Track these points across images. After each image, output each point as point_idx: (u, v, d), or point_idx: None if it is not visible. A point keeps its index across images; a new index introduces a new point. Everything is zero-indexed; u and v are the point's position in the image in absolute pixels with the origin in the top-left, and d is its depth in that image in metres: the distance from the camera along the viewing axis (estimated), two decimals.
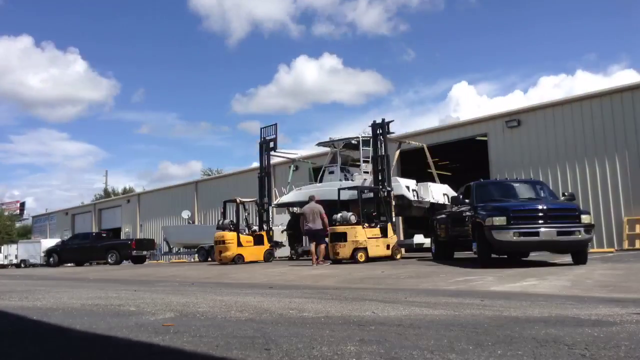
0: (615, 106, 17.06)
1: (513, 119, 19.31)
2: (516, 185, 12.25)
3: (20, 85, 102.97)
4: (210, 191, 33.12)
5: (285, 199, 20.13)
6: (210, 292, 7.48)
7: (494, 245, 10.03)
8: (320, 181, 19.88)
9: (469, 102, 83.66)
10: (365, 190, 16.02)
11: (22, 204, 67.80)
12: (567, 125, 18.02)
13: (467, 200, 11.73)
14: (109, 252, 25.55)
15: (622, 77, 75.01)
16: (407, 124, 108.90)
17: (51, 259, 27.15)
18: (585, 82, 77.02)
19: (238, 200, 18.08)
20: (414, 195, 16.68)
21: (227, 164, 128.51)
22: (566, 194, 12.01)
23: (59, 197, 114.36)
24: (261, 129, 19.71)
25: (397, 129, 21.77)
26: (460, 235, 12.08)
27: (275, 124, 19.46)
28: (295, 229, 18.64)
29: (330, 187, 17.52)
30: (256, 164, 22.73)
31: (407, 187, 16.78)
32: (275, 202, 20.15)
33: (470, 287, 7.24)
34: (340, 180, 18.41)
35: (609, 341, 3.14)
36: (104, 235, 29.12)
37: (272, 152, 19.60)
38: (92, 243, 26.63)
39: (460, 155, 24.67)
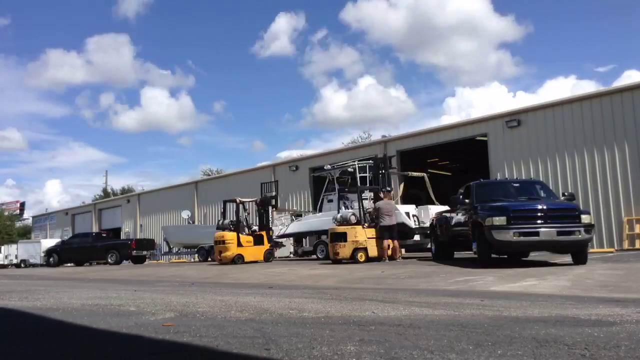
0: (615, 106, 17.04)
1: (513, 119, 19.29)
2: (516, 185, 12.23)
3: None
4: (210, 191, 33.11)
5: (288, 230, 20.27)
6: (210, 292, 7.48)
7: (493, 245, 10.01)
8: (320, 210, 19.95)
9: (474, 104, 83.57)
10: (366, 191, 16.00)
11: (22, 204, 67.90)
12: (567, 125, 18.00)
13: (467, 200, 11.72)
14: (109, 252, 25.50)
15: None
16: (418, 125, 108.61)
17: (51, 259, 27.12)
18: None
19: (238, 200, 18.07)
20: (414, 221, 16.71)
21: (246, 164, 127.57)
22: (566, 193, 11.99)
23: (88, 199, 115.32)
24: (261, 184, 19.73)
25: (399, 130, 21.80)
26: (459, 235, 12.07)
27: (276, 182, 19.52)
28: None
29: (329, 217, 17.56)
30: (258, 164, 22.79)
31: (407, 214, 16.78)
32: (277, 234, 20.21)
33: (470, 287, 7.24)
34: (340, 208, 18.49)
35: (609, 341, 3.14)
36: (104, 235, 29.07)
37: (273, 210, 19.68)
38: (92, 243, 26.52)
39: (460, 155, 24.68)
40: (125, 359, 3.02)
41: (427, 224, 16.71)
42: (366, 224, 14.47)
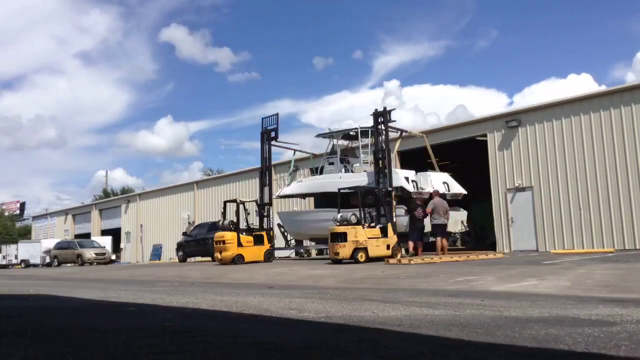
0: (614, 107, 17.04)
1: (513, 119, 19.27)
2: None
3: None
4: (210, 191, 33.12)
5: (287, 190, 20.01)
6: (210, 292, 7.48)
7: None
8: (320, 173, 19.79)
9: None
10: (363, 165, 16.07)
11: (22, 204, 67.75)
12: (567, 126, 17.98)
13: None
14: None
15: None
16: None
17: (180, 254, 24.37)
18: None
19: (238, 200, 18.07)
20: (413, 186, 16.60)
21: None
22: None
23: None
24: (262, 118, 19.51)
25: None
26: None
27: (277, 114, 19.19)
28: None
29: (330, 180, 17.45)
30: (255, 166, 22.59)
31: (407, 178, 16.69)
32: (277, 194, 20.01)
33: (470, 287, 7.24)
34: (340, 171, 18.39)
35: (609, 341, 3.14)
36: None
37: (274, 142, 19.45)
38: (206, 235, 22.94)
39: (460, 155, 24.64)
40: (125, 359, 3.01)
41: (427, 190, 16.56)
42: (366, 224, 14.47)
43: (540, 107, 19.04)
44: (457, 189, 17.93)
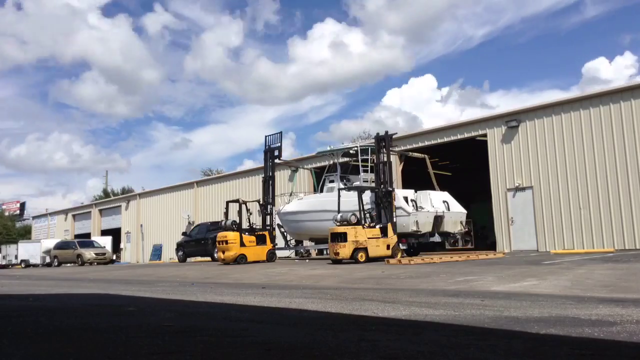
0: (615, 106, 17.05)
1: (513, 119, 19.29)
2: None
3: None
4: (210, 191, 33.14)
5: (288, 208, 20.12)
6: (210, 292, 7.48)
7: None
8: (321, 191, 19.95)
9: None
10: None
11: (22, 204, 67.75)
12: (567, 125, 17.99)
13: None
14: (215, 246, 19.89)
15: None
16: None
17: (180, 254, 24.09)
18: None
19: (241, 201, 18.09)
20: (412, 206, 16.64)
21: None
22: None
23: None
24: (266, 137, 19.79)
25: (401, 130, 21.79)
26: None
27: (280, 133, 19.40)
28: None
29: (330, 198, 17.47)
30: (254, 165, 22.69)
31: (405, 198, 16.73)
32: (277, 211, 20.10)
33: (470, 287, 7.24)
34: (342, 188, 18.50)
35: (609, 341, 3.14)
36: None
37: (277, 160, 19.62)
38: (205, 235, 22.86)
39: (460, 155, 24.67)
40: (125, 359, 3.01)
41: (426, 210, 16.59)
42: (366, 224, 14.47)
43: (540, 107, 19.05)
44: (457, 207, 17.99)
